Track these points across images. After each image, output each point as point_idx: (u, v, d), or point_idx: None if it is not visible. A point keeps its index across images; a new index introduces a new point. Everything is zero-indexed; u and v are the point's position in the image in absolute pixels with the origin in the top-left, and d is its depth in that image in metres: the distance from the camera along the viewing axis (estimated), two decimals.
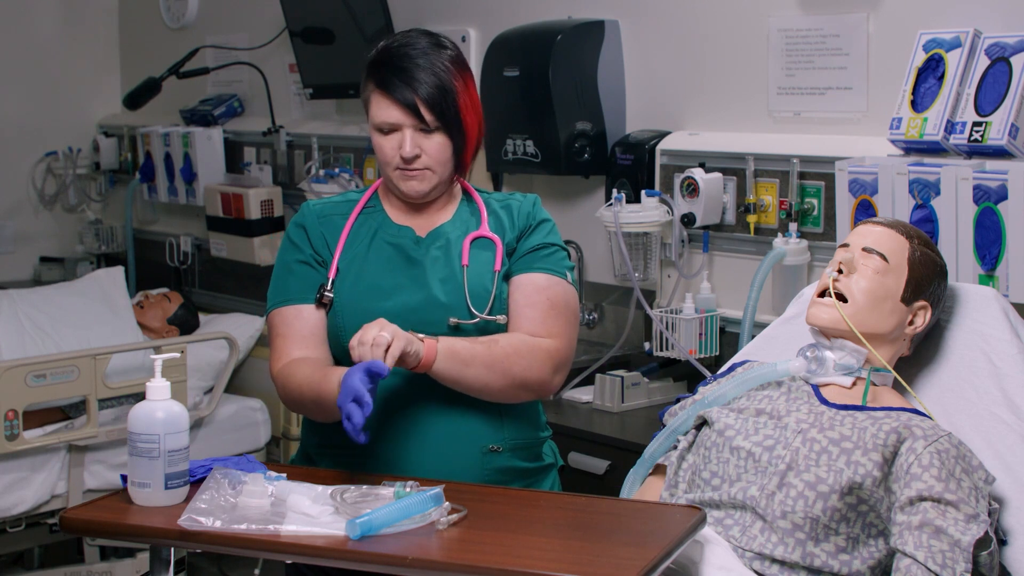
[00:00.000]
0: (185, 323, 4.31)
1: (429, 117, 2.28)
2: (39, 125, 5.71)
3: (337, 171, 4.46)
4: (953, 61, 2.85)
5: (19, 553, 4.08)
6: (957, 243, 2.76)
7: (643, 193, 3.43)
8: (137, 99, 4.96)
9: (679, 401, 2.53)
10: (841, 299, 2.35)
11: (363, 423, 2.05)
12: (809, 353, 2.37)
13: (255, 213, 4.77)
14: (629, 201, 3.45)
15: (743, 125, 3.45)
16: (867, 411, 2.29)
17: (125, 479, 2.10)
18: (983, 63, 2.81)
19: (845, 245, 2.42)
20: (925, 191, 2.80)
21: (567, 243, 2.50)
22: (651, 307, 3.44)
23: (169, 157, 5.20)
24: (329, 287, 2.35)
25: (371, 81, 2.32)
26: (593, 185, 3.81)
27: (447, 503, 1.98)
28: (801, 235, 3.20)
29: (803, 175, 3.23)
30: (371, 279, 2.35)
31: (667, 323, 3.37)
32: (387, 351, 2.11)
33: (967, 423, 2.38)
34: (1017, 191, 2.66)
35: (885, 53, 3.13)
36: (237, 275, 5.13)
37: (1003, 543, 2.26)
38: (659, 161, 3.54)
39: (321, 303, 2.36)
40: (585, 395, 3.46)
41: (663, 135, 3.58)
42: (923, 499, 2.14)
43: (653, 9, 3.67)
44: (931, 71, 2.88)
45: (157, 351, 3.28)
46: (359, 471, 2.25)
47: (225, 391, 4.04)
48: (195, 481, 2.11)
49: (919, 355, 2.49)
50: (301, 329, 2.35)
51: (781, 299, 3.16)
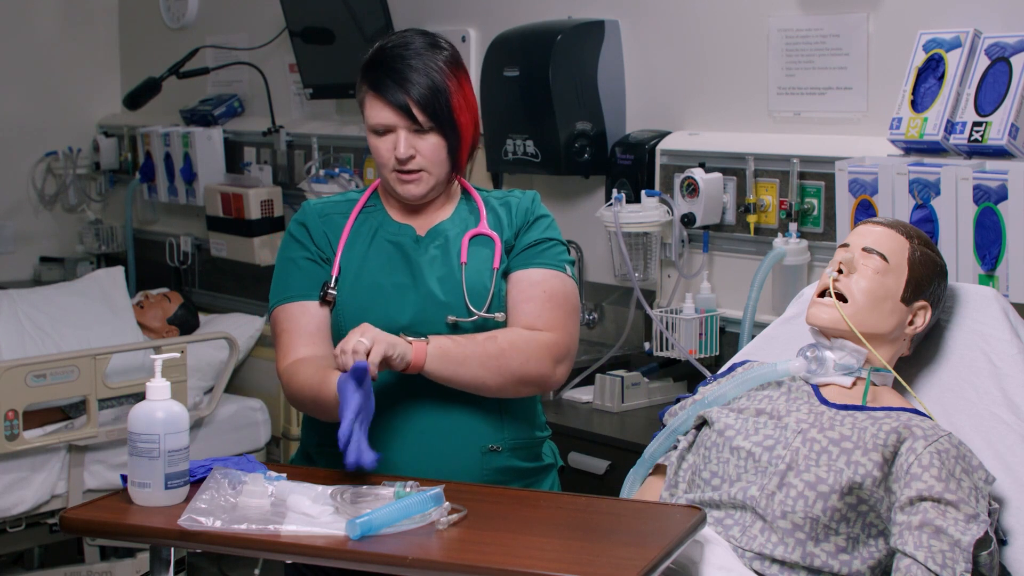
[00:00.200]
0: (185, 323, 4.31)
1: (422, 118, 2.28)
2: (39, 125, 5.71)
3: (337, 171, 4.45)
4: (953, 61, 2.85)
5: (19, 553, 4.08)
6: (957, 243, 2.76)
7: (643, 193, 3.43)
8: (137, 99, 4.96)
9: (679, 401, 2.53)
10: (841, 299, 2.35)
11: (348, 441, 2.05)
12: (809, 353, 2.37)
13: (255, 213, 4.77)
14: (629, 201, 3.45)
15: (743, 125, 3.45)
16: (867, 411, 2.29)
17: (125, 479, 2.10)
18: (983, 63, 2.81)
19: (845, 245, 2.42)
20: (925, 191, 2.80)
21: (567, 243, 2.50)
22: (651, 307, 3.44)
23: (169, 157, 5.19)
24: (333, 285, 2.36)
25: (365, 83, 2.32)
26: (593, 185, 3.81)
27: (447, 503, 1.98)
28: (801, 235, 3.20)
29: (803, 175, 3.23)
30: (371, 278, 2.35)
31: (667, 323, 3.37)
32: (368, 357, 2.10)
33: (967, 423, 2.38)
34: (1017, 191, 2.66)
35: (885, 53, 3.12)
36: (237, 275, 5.13)
37: (1003, 543, 2.25)
38: (659, 161, 3.54)
39: (325, 300, 2.36)
40: (585, 395, 3.46)
41: (663, 135, 3.58)
42: (923, 499, 2.13)
43: (653, 9, 3.66)
44: (931, 71, 2.88)
45: (157, 351, 3.28)
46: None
47: (225, 391, 4.04)
48: (195, 481, 2.10)
49: (919, 355, 2.49)
50: (307, 325, 2.35)
51: (781, 299, 3.16)
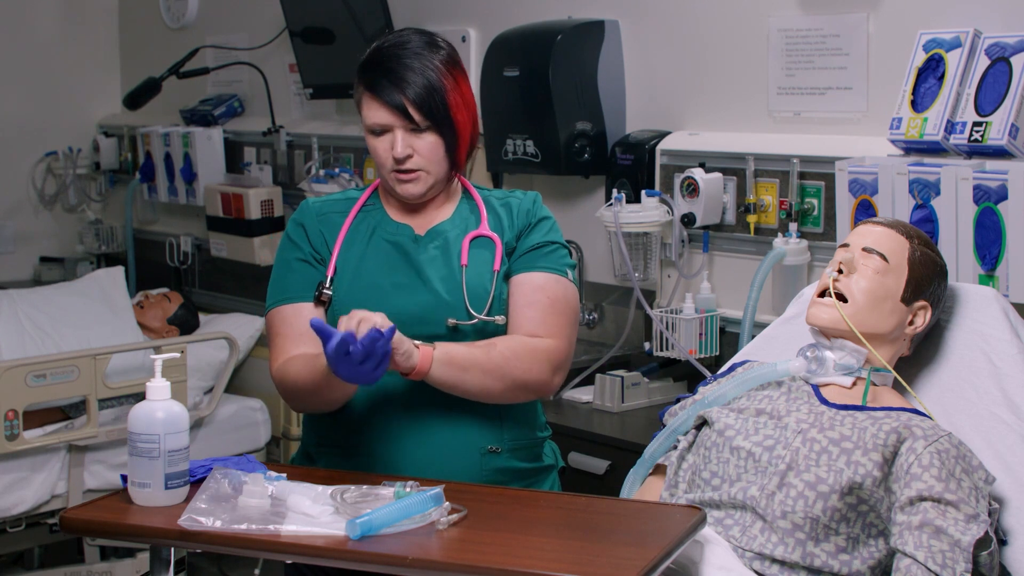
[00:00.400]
0: (185, 323, 4.31)
1: (418, 117, 2.28)
2: (39, 125, 5.71)
3: (337, 171, 4.45)
4: (953, 61, 2.85)
5: (19, 553, 4.08)
6: (957, 243, 2.76)
7: (643, 193, 3.43)
8: (137, 99, 4.96)
9: (679, 401, 2.53)
10: (841, 299, 2.35)
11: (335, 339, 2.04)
12: (809, 353, 2.36)
13: (255, 213, 4.77)
14: (629, 201, 3.45)
15: (743, 125, 3.45)
16: (867, 411, 2.29)
17: (125, 479, 2.10)
18: (983, 63, 2.81)
19: (845, 245, 2.42)
20: (925, 191, 2.80)
21: (568, 243, 2.50)
22: (651, 307, 3.44)
23: (169, 157, 5.19)
24: (328, 285, 2.35)
25: (361, 83, 2.32)
26: (593, 185, 3.81)
27: (447, 503, 1.97)
28: (801, 235, 3.20)
29: (803, 175, 3.23)
30: (369, 277, 2.35)
31: (667, 323, 3.37)
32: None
33: (967, 423, 2.38)
34: (1017, 191, 2.66)
35: (885, 53, 3.12)
36: (237, 275, 5.13)
37: (1003, 543, 2.25)
38: (659, 161, 3.54)
39: (320, 301, 2.35)
40: (585, 395, 3.45)
41: (663, 135, 3.58)
42: (923, 499, 2.13)
43: (653, 9, 3.66)
44: (931, 71, 2.88)
45: (157, 351, 3.28)
46: (359, 471, 2.24)
47: (225, 391, 4.04)
48: (195, 481, 2.10)
49: (919, 355, 2.49)
50: (300, 327, 2.33)
51: (781, 299, 3.16)
